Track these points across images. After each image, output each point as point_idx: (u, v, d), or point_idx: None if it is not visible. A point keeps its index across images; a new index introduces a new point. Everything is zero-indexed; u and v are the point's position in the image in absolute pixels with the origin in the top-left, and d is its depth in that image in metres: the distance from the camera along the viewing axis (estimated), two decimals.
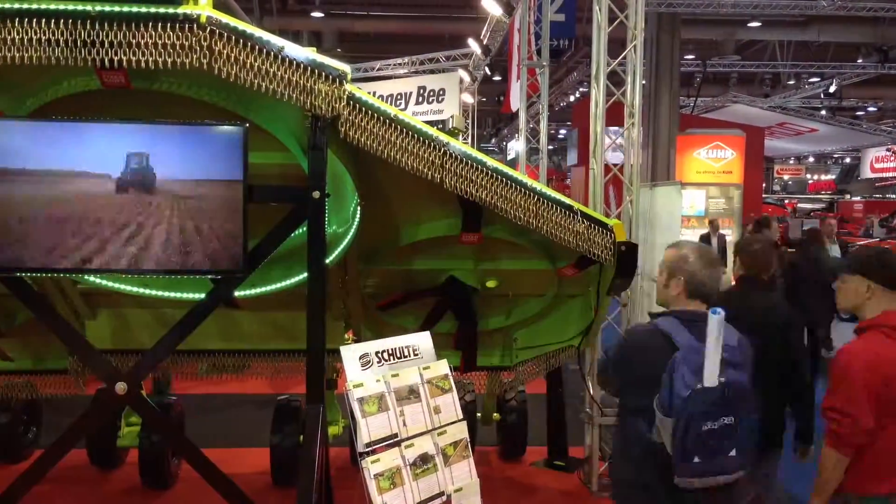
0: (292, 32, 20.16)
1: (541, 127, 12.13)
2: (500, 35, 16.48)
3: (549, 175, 14.33)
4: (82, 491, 5.75)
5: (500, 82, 23.57)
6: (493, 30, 16.61)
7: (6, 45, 3.24)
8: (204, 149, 3.54)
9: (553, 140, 33.11)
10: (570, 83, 23.96)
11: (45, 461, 3.96)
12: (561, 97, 25.88)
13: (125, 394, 3.86)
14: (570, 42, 12.27)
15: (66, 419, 4.14)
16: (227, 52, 3.36)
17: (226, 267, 3.65)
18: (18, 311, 4.66)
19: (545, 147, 12.19)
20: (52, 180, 3.49)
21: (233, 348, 4.82)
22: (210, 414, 7.51)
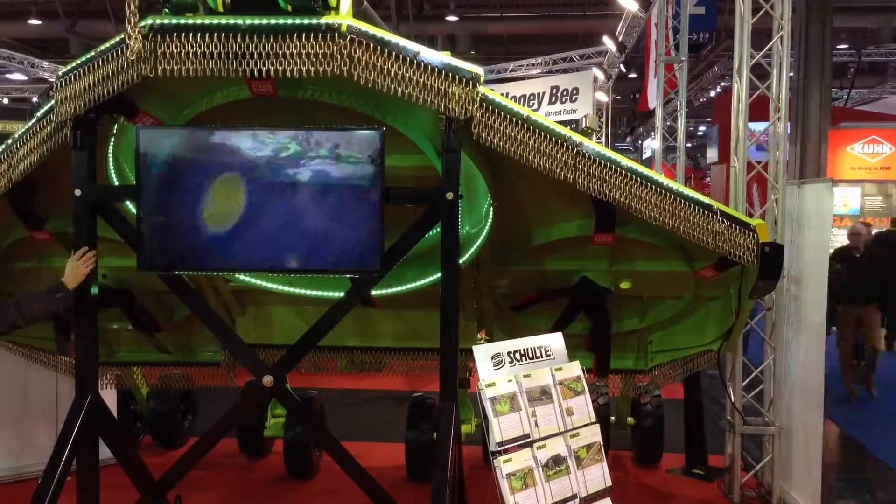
0: (427, 37, 20.52)
1: (678, 124, 11.76)
2: (636, 31, 16.10)
3: (686, 174, 13.86)
4: (232, 477, 6.10)
5: (635, 79, 23.01)
6: (629, 26, 16.25)
7: (166, 59, 3.50)
8: (343, 152, 3.68)
9: (691, 138, 31.99)
10: (711, 78, 23.06)
11: (200, 448, 4.24)
12: (700, 93, 24.95)
13: (271, 386, 4.08)
14: (711, 35, 11.83)
15: (218, 409, 4.41)
16: (366, 59, 3.48)
17: (364, 267, 3.77)
18: (177, 308, 5.01)
19: (683, 145, 11.80)
20: (206, 184, 3.73)
21: (370, 346, 4.98)
22: (349, 409, 7.78)
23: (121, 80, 3.57)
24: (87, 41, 19.27)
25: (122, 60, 3.54)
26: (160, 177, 3.71)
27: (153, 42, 3.49)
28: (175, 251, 3.78)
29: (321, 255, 3.75)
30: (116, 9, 19.03)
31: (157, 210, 3.74)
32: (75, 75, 3.63)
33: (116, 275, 4.68)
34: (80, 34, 20.60)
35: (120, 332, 5.10)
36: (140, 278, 4.51)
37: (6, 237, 4.56)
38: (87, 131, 3.79)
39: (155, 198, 3.73)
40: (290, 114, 3.98)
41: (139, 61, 3.50)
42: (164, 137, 3.75)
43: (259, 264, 3.84)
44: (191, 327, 5.05)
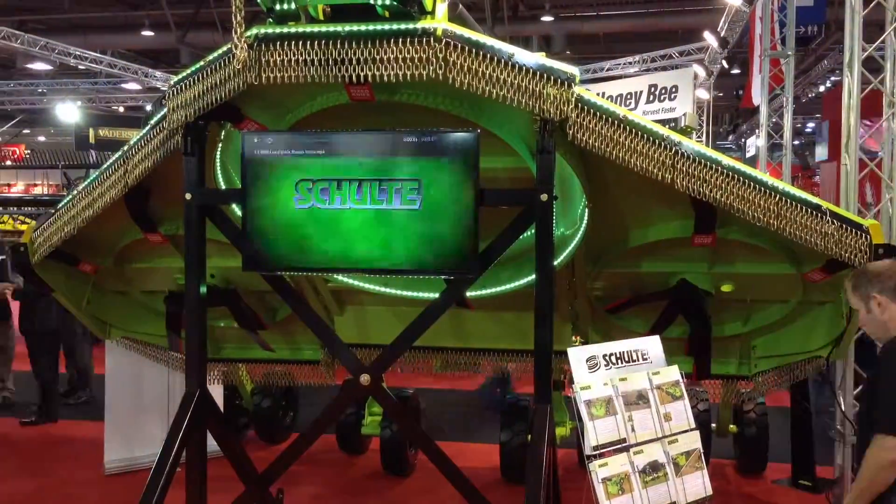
0: (522, 38, 20.46)
1: (785, 121, 11.30)
2: (739, 25, 15.57)
3: (793, 172, 13.30)
4: (331, 473, 6.26)
5: (738, 76, 22.26)
6: (732, 20, 15.73)
7: (270, 67, 3.63)
8: (438, 154, 3.72)
9: (798, 135, 30.64)
10: (819, 72, 22.05)
11: (301, 443, 4.37)
12: (808, 88, 23.88)
13: (369, 385, 4.16)
14: (820, 28, 11.31)
15: (318, 406, 4.53)
16: (461, 62, 3.51)
17: (458, 268, 3.80)
18: (279, 307, 5.18)
19: (789, 142, 11.34)
20: (306, 187, 3.84)
21: (464, 346, 5.01)
22: (444, 408, 7.84)
23: (228, 89, 3.72)
24: (197, 51, 20.14)
25: (228, 69, 3.69)
26: (263, 180, 3.86)
27: (258, 51, 3.62)
28: (277, 252, 3.92)
29: (416, 256, 3.80)
30: (224, 19, 19.85)
31: (260, 212, 3.88)
32: (186, 84, 3.81)
33: (223, 275, 4.88)
34: (190, 44, 21.56)
35: (226, 330, 5.31)
36: (245, 278, 4.69)
37: (122, 239, 4.82)
38: (197, 138, 3.97)
39: (258, 200, 3.87)
40: (387, 117, 4.05)
41: (245, 70, 3.64)
42: (268, 142, 3.89)
43: (356, 265, 3.93)
44: (292, 326, 5.21)
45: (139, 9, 21.67)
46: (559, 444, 5.28)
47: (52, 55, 19.04)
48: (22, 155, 21.05)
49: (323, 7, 3.73)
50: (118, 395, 6.18)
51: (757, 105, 13.26)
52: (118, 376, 6.15)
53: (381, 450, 6.12)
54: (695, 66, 18.72)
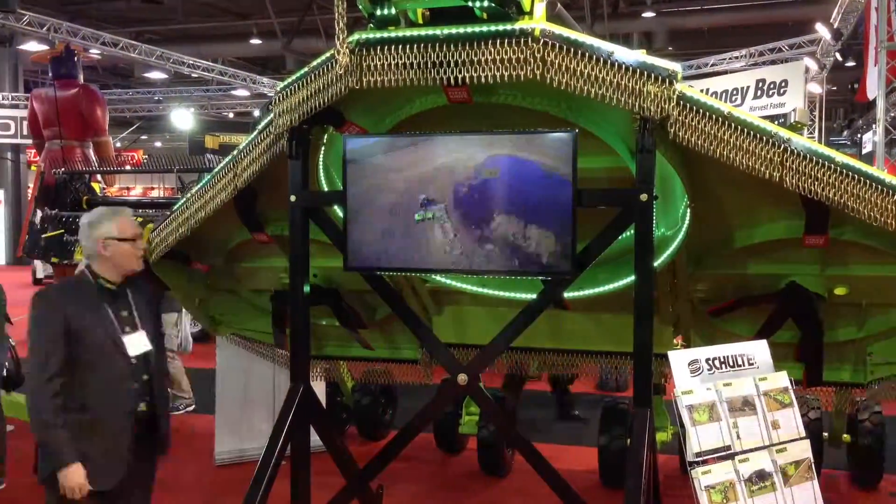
0: (623, 35, 20.12)
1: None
2: (853, 16, 14.82)
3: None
4: (429, 471, 6.33)
5: (853, 68, 21.14)
6: (846, 11, 14.99)
7: (371, 72, 3.71)
8: (536, 155, 3.71)
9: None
10: None
11: (399, 441, 4.44)
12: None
13: (466, 384, 4.19)
14: None
15: (416, 404, 4.60)
16: (559, 62, 3.48)
17: (555, 269, 3.78)
18: (379, 307, 5.28)
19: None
20: (405, 189, 3.91)
21: (561, 348, 4.97)
22: (541, 410, 7.81)
23: (331, 93, 3.83)
24: (302, 57, 20.78)
25: (331, 74, 3.79)
26: (364, 182, 3.95)
27: (359, 56, 3.71)
28: (376, 252, 4.00)
29: (514, 257, 3.80)
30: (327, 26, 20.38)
31: (360, 213, 3.97)
32: (291, 90, 3.94)
33: (326, 274, 5.02)
34: (295, 51, 22.27)
35: (328, 328, 5.45)
36: (346, 278, 4.80)
37: (232, 239, 5.03)
38: (301, 141, 4.10)
39: (359, 202, 3.96)
40: (485, 119, 4.07)
41: (347, 74, 3.73)
42: (368, 145, 3.98)
43: (453, 266, 3.96)
44: (391, 325, 5.30)
45: (248, 18, 22.55)
46: (660, 450, 5.17)
47: (167, 64, 20.04)
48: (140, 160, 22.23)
49: (422, 11, 3.78)
50: (227, 390, 6.44)
51: (872, 99, 12.60)
52: (227, 372, 6.41)
53: (479, 449, 6.14)
54: (806, 60, 17.93)
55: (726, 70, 19.72)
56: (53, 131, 14.49)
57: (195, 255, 5.08)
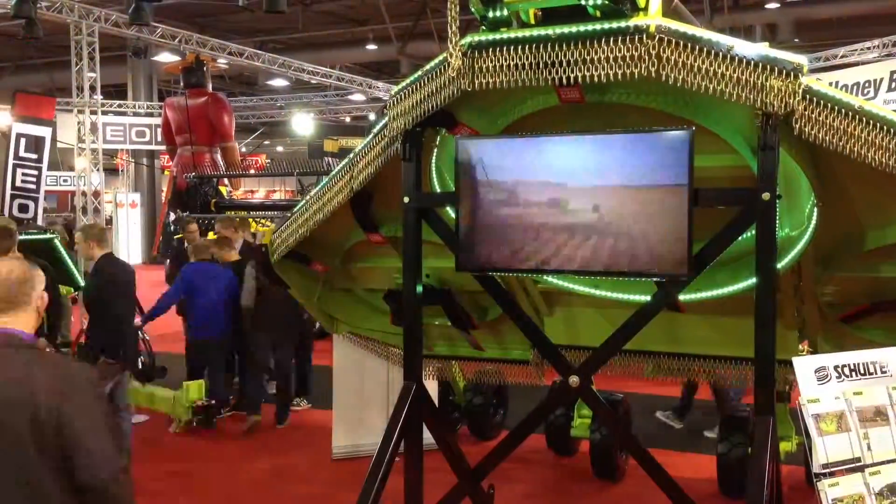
0: (744, 28, 19.35)
1: None
2: None
3: None
4: (540, 473, 6.30)
5: None
6: None
7: (483, 73, 3.73)
8: (651, 154, 3.63)
9: None
10: None
11: (510, 441, 4.45)
12: None
13: (577, 387, 4.15)
14: None
15: (528, 405, 4.59)
16: (676, 58, 3.40)
17: (670, 270, 3.69)
18: (490, 307, 5.30)
19: None
20: (517, 190, 3.92)
21: (676, 351, 4.84)
22: (654, 415, 7.61)
23: (443, 96, 3.88)
24: (416, 61, 21.12)
25: (444, 77, 3.84)
26: (476, 183, 3.98)
27: (471, 58, 3.74)
28: (488, 253, 4.02)
29: (628, 258, 3.73)
30: (441, 30, 20.61)
31: (472, 214, 4.00)
32: (404, 94, 4.02)
33: (438, 275, 5.08)
34: (409, 55, 22.65)
35: (441, 328, 5.52)
36: (458, 278, 4.85)
37: (349, 240, 5.18)
38: (414, 144, 4.18)
39: (471, 203, 4.00)
40: (597, 118, 4.01)
41: (459, 77, 3.77)
42: (480, 146, 4.00)
43: (566, 267, 3.93)
44: (502, 326, 5.31)
45: (364, 24, 23.12)
46: (783, 460, 4.95)
47: (288, 72, 20.83)
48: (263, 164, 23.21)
49: (534, 11, 3.78)
50: (344, 387, 6.63)
51: None
52: (344, 369, 6.60)
53: (591, 453, 6.06)
54: None
55: (857, 61, 18.58)
56: (185, 138, 15.36)
57: (314, 255, 5.25)
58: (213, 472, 6.37)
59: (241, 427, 7.44)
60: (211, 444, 7.04)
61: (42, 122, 12.94)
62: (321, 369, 8.33)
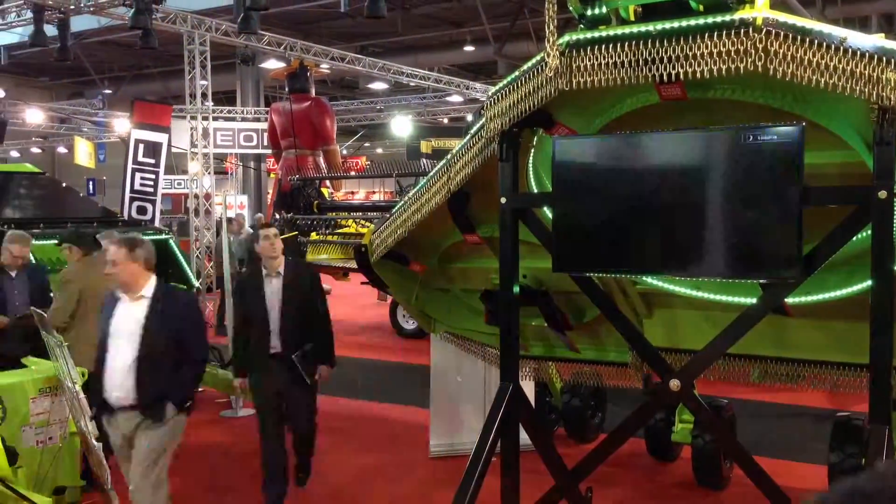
0: (859, 19, 18.38)
1: None
2: None
3: None
4: (639, 477, 6.19)
5: None
6: None
7: (580, 72, 3.70)
8: (758, 151, 3.51)
9: None
10: None
11: (608, 445, 4.39)
12: None
13: (678, 391, 4.05)
14: None
15: (626, 409, 4.52)
16: (784, 52, 3.28)
17: (779, 273, 3.56)
18: (587, 308, 5.24)
19: None
20: (616, 189, 3.86)
21: (785, 356, 4.65)
22: (761, 422, 7.35)
23: (540, 96, 3.87)
24: (513, 62, 21.09)
25: (541, 77, 3.83)
26: (573, 183, 3.94)
27: (569, 57, 3.72)
28: (585, 254, 3.98)
29: (732, 259, 3.62)
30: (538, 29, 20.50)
31: (569, 215, 3.97)
32: (501, 94, 4.03)
33: (535, 275, 5.07)
34: (506, 56, 22.64)
35: (537, 328, 5.50)
36: (555, 279, 4.82)
37: (446, 240, 5.23)
38: (511, 144, 4.18)
39: (568, 203, 3.97)
40: (700, 115, 3.91)
41: (557, 76, 3.75)
42: (578, 146, 3.97)
43: (666, 268, 3.85)
44: (599, 327, 5.24)
45: (462, 26, 23.25)
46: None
47: (388, 75, 21.16)
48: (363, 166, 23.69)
49: (634, 7, 3.72)
50: (441, 386, 6.70)
51: None
52: (441, 368, 6.66)
53: (693, 459, 5.90)
54: None
55: None
56: (289, 141, 15.84)
57: (412, 255, 5.33)
58: (315, 465, 6.55)
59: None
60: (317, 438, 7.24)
61: (159, 128, 13.62)
62: (419, 368, 8.45)
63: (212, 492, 6.04)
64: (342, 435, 7.40)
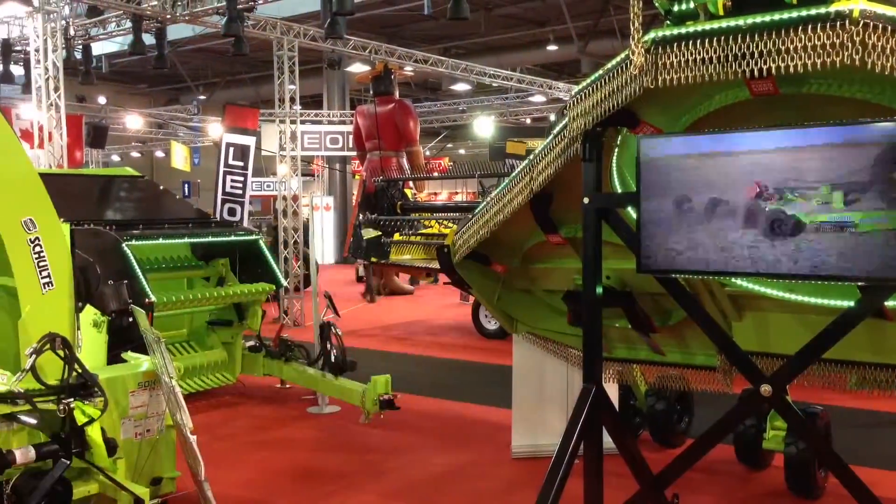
0: None
1: None
2: None
3: None
4: (728, 485, 6.01)
5: None
6: None
7: (667, 70, 3.63)
8: (859, 148, 3.36)
9: None
10: None
11: (695, 450, 4.28)
12: None
13: (769, 396, 3.92)
14: None
15: (714, 414, 4.40)
16: (883, 44, 3.14)
17: (880, 274, 3.40)
18: (673, 310, 5.14)
19: None
20: (704, 189, 3.76)
21: (884, 362, 4.44)
22: (859, 430, 7.03)
23: (625, 95, 3.82)
24: (597, 60, 20.85)
25: (626, 75, 3.78)
26: (659, 183, 3.87)
27: (654, 54, 3.65)
28: (671, 255, 3.89)
29: (828, 260, 3.48)
30: (623, 27, 20.23)
31: (655, 215, 3.90)
32: (585, 94, 3.99)
33: (619, 276, 5.00)
34: (590, 54, 22.40)
35: (621, 330, 5.42)
36: (639, 280, 4.74)
37: (528, 240, 5.21)
38: (595, 144, 4.14)
39: (654, 203, 3.89)
40: (792, 111, 3.78)
41: (642, 74, 3.70)
42: (664, 145, 3.89)
43: (758, 270, 3.73)
44: (685, 330, 5.12)
45: (545, 25, 23.13)
46: None
47: (470, 76, 21.24)
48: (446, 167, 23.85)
49: (723, 2, 3.62)
50: (523, 387, 6.67)
51: None
52: (523, 369, 6.64)
53: (785, 467, 5.69)
54: None
55: None
56: (374, 143, 16.10)
57: (494, 256, 5.34)
58: (396, 463, 6.64)
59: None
60: (396, 437, 7.34)
61: (248, 132, 14.08)
62: (501, 369, 8.44)
63: (297, 486, 6.19)
64: (423, 433, 7.47)
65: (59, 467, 4.26)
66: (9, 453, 4.16)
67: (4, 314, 4.67)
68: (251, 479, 6.27)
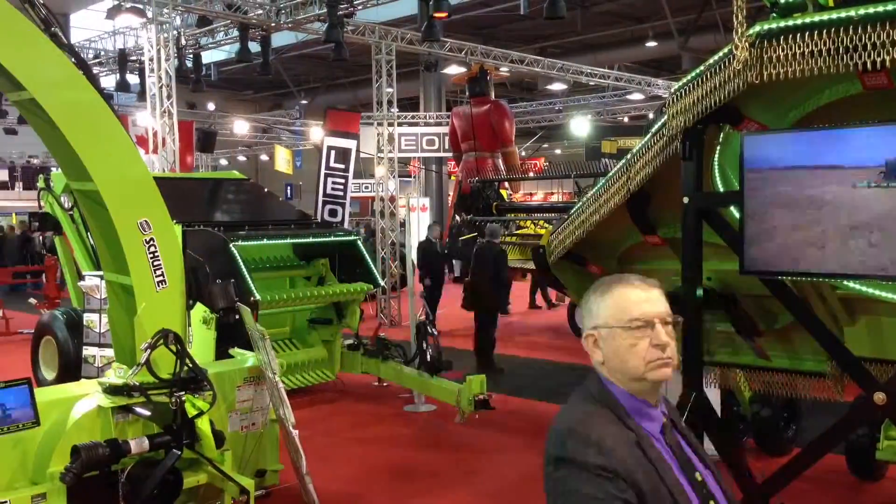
0: None
1: None
2: None
3: None
4: (838, 496, 5.75)
5: None
6: None
7: (772, 64, 3.50)
8: None
9: None
10: None
11: (803, 459, 4.12)
12: None
13: (884, 404, 3.73)
14: None
15: (825, 422, 4.21)
16: None
17: None
18: (779, 314, 4.94)
19: None
20: (813, 187, 3.61)
21: None
22: None
23: (727, 90, 3.70)
24: (698, 55, 20.26)
25: (728, 71, 3.67)
26: (764, 181, 3.74)
27: (759, 48, 3.53)
28: (777, 255, 3.75)
29: None
30: (726, 20, 19.59)
31: (760, 214, 3.77)
32: (685, 90, 3.90)
33: (721, 278, 4.85)
34: (691, 50, 21.79)
35: (723, 333, 5.26)
36: (743, 282, 4.59)
37: (625, 241, 5.13)
38: (695, 142, 4.03)
39: (758, 202, 3.76)
40: None
41: (746, 69, 3.58)
42: (769, 142, 3.75)
43: (871, 271, 3.55)
44: (793, 334, 4.92)
45: (644, 21, 22.67)
46: None
47: (566, 75, 21.02)
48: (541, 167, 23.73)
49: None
50: None
51: None
52: None
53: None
54: None
55: None
56: (469, 144, 16.16)
57: (590, 256, 5.27)
58: (489, 462, 6.66)
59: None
60: (490, 437, 7.36)
61: (349, 135, 14.42)
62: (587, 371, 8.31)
63: (392, 482, 6.29)
64: (517, 434, 7.46)
65: (171, 457, 4.47)
66: (124, 443, 4.40)
67: (121, 311, 4.94)
68: (349, 474, 6.42)
